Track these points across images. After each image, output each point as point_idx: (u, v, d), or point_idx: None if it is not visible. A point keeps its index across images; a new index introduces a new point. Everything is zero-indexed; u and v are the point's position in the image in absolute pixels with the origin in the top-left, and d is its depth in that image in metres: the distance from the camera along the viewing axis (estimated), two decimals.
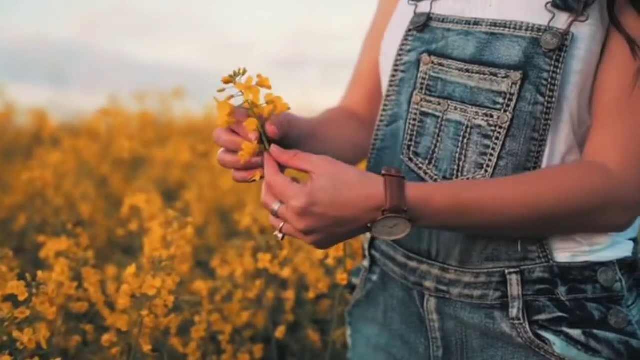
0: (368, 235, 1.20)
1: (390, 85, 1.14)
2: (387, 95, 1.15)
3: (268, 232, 2.03)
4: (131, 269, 1.25)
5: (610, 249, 1.05)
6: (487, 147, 1.02)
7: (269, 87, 0.99)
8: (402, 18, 1.15)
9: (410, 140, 1.09)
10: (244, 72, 0.98)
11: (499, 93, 1.01)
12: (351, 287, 1.27)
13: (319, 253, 1.56)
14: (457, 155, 1.04)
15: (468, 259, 1.06)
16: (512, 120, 1.01)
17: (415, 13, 1.13)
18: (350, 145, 1.21)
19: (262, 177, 1.01)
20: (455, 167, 1.04)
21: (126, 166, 2.80)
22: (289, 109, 0.99)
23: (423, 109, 1.08)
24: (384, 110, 1.15)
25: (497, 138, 1.02)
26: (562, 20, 1.00)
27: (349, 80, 1.31)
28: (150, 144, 3.08)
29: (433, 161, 1.06)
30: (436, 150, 1.06)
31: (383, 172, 0.95)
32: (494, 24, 1.04)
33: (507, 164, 1.02)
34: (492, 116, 1.02)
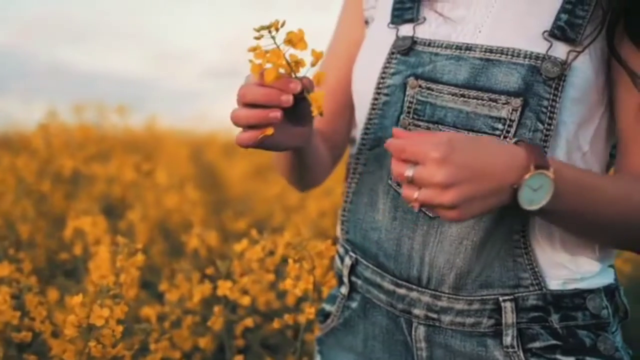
0: (347, 261, 1.17)
1: (373, 109, 1.12)
2: (370, 119, 1.13)
3: (214, 253, 2.01)
4: (77, 298, 1.21)
5: (598, 276, 1.07)
6: None
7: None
8: (380, 41, 1.14)
9: None
10: (284, 23, 0.92)
11: (499, 119, 1.01)
12: (323, 315, 1.24)
13: (270, 276, 1.55)
14: None
15: (463, 286, 1.05)
16: None
17: (397, 36, 1.12)
18: (319, 158, 1.21)
19: (272, 134, 0.96)
20: None
21: (66, 182, 2.73)
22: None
23: None
24: (365, 133, 1.14)
25: None
26: (559, 49, 1.02)
27: None
28: (91, 159, 3.02)
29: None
30: None
31: (515, 140, 0.94)
32: (490, 50, 1.04)
33: None
34: None
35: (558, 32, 1.02)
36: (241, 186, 3.67)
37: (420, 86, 1.07)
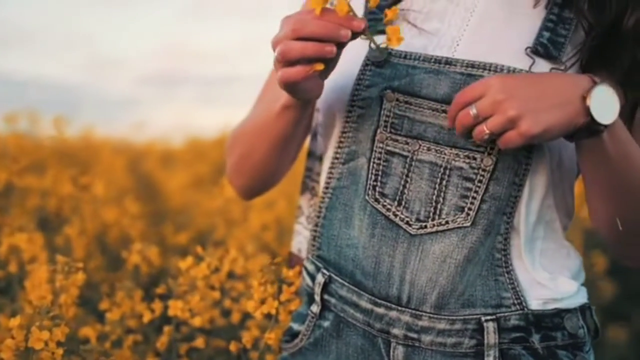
0: (319, 278, 1.13)
1: (347, 122, 1.10)
2: (343, 132, 1.11)
3: (154, 268, 1.96)
4: (15, 321, 1.16)
5: (575, 295, 1.07)
6: (469, 189, 1.02)
7: None
8: (352, 52, 1.10)
9: (376, 180, 1.06)
10: None
11: None
12: (290, 334, 1.19)
13: (216, 294, 1.52)
14: (435, 197, 1.03)
15: (445, 305, 1.03)
16: (496, 163, 1.01)
17: (371, 47, 1.09)
18: (302, 131, 1.20)
19: (323, 70, 0.97)
20: (432, 209, 1.03)
21: None
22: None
23: (389, 148, 1.06)
24: (339, 147, 1.11)
25: (480, 181, 1.01)
26: (541, 65, 1.02)
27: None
28: (25, 171, 2.92)
29: (403, 202, 1.04)
30: (405, 191, 1.04)
31: None
32: (471, 65, 1.02)
33: (490, 207, 1.02)
34: (474, 158, 1.01)
35: (541, 49, 1.03)
36: (181, 198, 3.61)
37: (397, 99, 1.05)
